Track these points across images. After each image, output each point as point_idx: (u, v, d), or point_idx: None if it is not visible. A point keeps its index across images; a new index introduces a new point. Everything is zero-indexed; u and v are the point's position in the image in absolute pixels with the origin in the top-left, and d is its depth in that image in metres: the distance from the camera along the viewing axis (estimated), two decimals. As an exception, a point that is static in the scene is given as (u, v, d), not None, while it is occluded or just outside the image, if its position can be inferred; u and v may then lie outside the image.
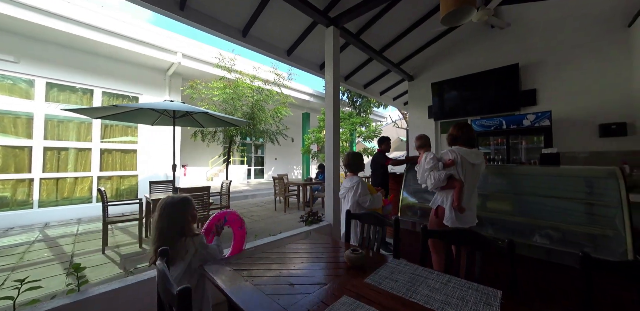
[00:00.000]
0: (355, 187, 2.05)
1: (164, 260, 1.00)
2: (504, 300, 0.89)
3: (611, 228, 1.91)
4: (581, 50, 3.70)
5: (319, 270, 1.15)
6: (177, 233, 1.22)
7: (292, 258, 1.30)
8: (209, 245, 1.31)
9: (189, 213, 1.28)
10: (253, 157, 12.45)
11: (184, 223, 1.25)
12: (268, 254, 1.36)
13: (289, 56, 3.88)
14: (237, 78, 6.07)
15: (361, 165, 2.27)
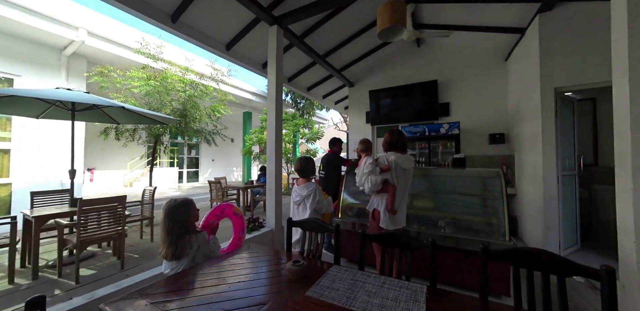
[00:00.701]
0: (313, 194, 2.04)
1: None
2: (428, 294, 1.00)
3: (496, 216, 2.42)
4: (477, 74, 4.59)
5: (258, 289, 1.07)
6: (182, 232, 1.35)
7: (228, 277, 1.17)
8: (210, 243, 1.47)
9: (191, 213, 1.42)
10: (186, 159, 11.14)
11: (187, 222, 1.39)
12: (199, 275, 1.19)
13: (228, 51, 3.59)
14: (165, 69, 5.26)
15: (314, 169, 2.26)
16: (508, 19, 3.52)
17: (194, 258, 1.35)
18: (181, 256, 1.32)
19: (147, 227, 4.24)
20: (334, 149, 3.69)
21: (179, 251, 1.31)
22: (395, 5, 2.25)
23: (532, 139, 3.26)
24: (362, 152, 2.44)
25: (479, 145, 4.49)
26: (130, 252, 3.34)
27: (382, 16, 2.34)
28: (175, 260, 1.32)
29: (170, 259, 1.31)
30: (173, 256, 1.30)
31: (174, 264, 1.32)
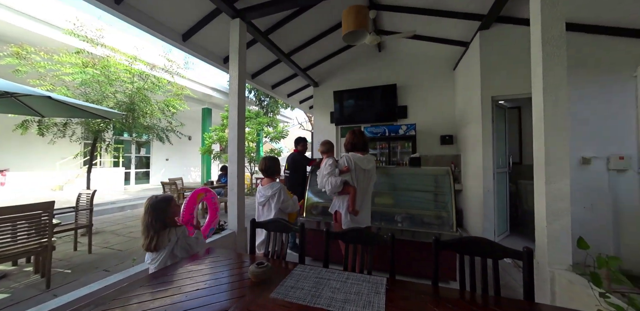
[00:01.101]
0: (278, 194, 1.99)
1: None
2: (388, 285, 1.07)
3: (446, 210, 2.70)
4: (429, 80, 5.04)
5: (219, 295, 1.02)
6: (160, 226, 1.47)
7: (184, 286, 1.09)
8: (189, 237, 1.55)
9: (170, 209, 1.53)
10: (134, 158, 9.98)
11: (166, 218, 1.49)
12: (150, 287, 1.09)
13: (184, 41, 3.32)
14: (107, 57, 4.60)
15: (278, 169, 2.22)
16: (456, 33, 3.93)
17: (172, 250, 1.46)
18: (159, 249, 1.44)
19: (83, 237, 3.70)
20: (298, 148, 3.67)
21: (156, 244, 1.42)
22: (359, 10, 2.34)
23: (474, 141, 3.70)
24: (323, 153, 2.45)
25: (432, 145, 4.93)
26: (60, 267, 2.87)
27: (346, 20, 2.41)
28: (155, 251, 1.44)
29: (148, 250, 1.45)
30: (150, 248, 1.43)
31: (154, 255, 1.45)
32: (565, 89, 1.84)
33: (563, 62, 1.84)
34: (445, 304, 0.93)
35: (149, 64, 5.17)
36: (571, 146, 2.88)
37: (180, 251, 1.48)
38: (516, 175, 4.08)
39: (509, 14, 3.16)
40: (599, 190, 2.84)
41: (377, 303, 0.93)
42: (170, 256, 1.45)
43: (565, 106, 1.84)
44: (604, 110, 2.85)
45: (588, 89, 2.90)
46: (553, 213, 1.84)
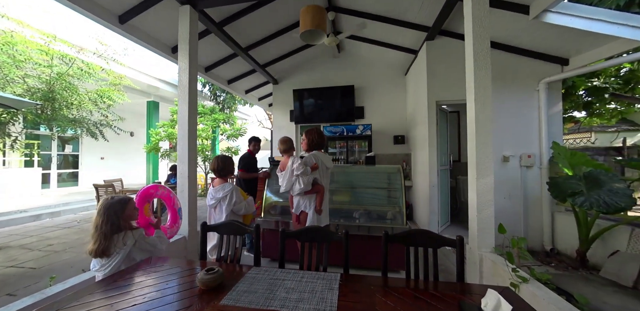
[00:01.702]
0: (230, 196, 1.87)
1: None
2: (342, 281, 1.11)
3: (398, 205, 2.92)
4: (384, 83, 5.37)
5: (162, 308, 0.92)
6: (114, 229, 1.37)
7: (119, 302, 0.96)
8: (149, 237, 1.47)
9: (126, 212, 1.44)
10: (56, 156, 8.42)
11: (119, 221, 1.40)
12: (79, 306, 0.93)
13: (122, 24, 2.90)
14: (11, 32, 3.69)
15: (232, 169, 2.11)
16: (407, 41, 4.25)
17: (130, 254, 1.38)
18: (110, 254, 1.35)
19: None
20: (249, 148, 3.54)
21: (105, 249, 1.33)
22: (316, 10, 2.36)
23: (422, 141, 4.08)
24: (284, 153, 2.25)
25: (386, 145, 5.26)
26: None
27: (304, 19, 2.41)
28: (105, 257, 1.33)
29: (95, 256, 1.33)
30: (97, 253, 1.32)
31: (104, 261, 1.34)
32: (489, 97, 2.14)
33: (488, 73, 2.14)
34: (392, 293, 1.01)
35: (75, 45, 4.37)
36: (495, 147, 3.39)
37: (141, 254, 1.42)
38: (456, 172, 4.63)
39: (450, 29, 3.55)
40: (514, 183, 3.41)
41: (331, 299, 0.96)
42: (126, 261, 1.37)
43: (489, 112, 2.15)
44: (517, 116, 3.43)
45: (506, 99, 3.45)
46: (481, 204, 2.13)
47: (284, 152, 2.23)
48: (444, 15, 3.11)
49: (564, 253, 3.16)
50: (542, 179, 3.31)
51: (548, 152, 3.30)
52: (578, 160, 2.65)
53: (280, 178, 2.03)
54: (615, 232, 2.58)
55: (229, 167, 2.04)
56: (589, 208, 2.08)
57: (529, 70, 3.43)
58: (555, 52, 3.28)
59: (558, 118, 3.44)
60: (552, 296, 1.51)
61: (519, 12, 2.77)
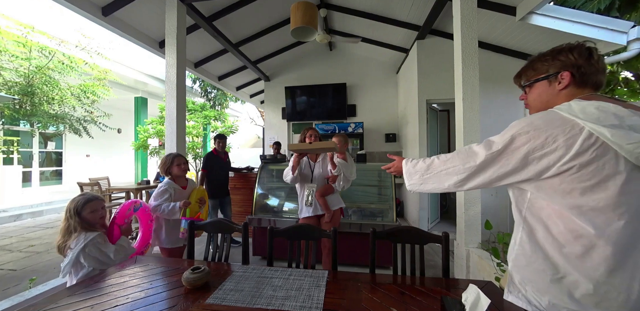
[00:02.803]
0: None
1: None
2: (329, 278, 1.11)
3: (388, 202, 2.95)
4: (376, 82, 5.39)
5: (146, 308, 0.90)
6: (72, 229, 1.32)
7: (103, 303, 0.93)
8: (107, 244, 1.36)
9: (88, 211, 1.36)
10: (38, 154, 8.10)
11: (78, 220, 1.33)
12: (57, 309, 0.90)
13: (105, 16, 2.80)
14: None
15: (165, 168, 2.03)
16: (398, 39, 4.27)
17: (77, 258, 1.27)
18: (63, 254, 1.31)
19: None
20: (214, 147, 3.47)
21: (59, 246, 1.31)
22: (307, 7, 2.33)
23: (413, 139, 4.13)
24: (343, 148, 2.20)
25: (378, 142, 5.30)
26: None
27: (294, 15, 2.38)
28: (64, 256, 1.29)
29: (57, 252, 1.32)
30: (58, 250, 1.31)
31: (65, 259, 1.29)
32: (477, 96, 2.18)
33: (476, 72, 2.17)
34: (379, 289, 1.02)
35: (55, 37, 4.17)
36: (483, 145, 3.49)
37: (90, 261, 1.28)
38: (445, 170, 4.71)
39: (440, 28, 3.58)
40: (501, 181, 3.50)
41: (317, 296, 0.96)
42: (74, 265, 1.27)
43: (477, 110, 2.19)
44: (506, 116, 3.51)
45: (494, 99, 3.52)
46: (468, 201, 2.18)
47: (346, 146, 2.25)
48: (434, 14, 3.13)
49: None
50: None
51: None
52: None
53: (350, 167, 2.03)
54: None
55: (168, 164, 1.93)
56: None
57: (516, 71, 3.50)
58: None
59: (543, 117, 3.54)
60: (533, 289, 1.57)
61: (506, 13, 2.82)
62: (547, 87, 0.81)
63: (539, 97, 0.84)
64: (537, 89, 0.84)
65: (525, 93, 0.90)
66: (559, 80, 0.78)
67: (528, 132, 0.71)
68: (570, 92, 0.78)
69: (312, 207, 1.99)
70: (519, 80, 0.93)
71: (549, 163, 0.69)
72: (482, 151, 0.77)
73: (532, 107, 0.88)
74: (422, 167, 0.89)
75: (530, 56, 0.94)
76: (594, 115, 0.66)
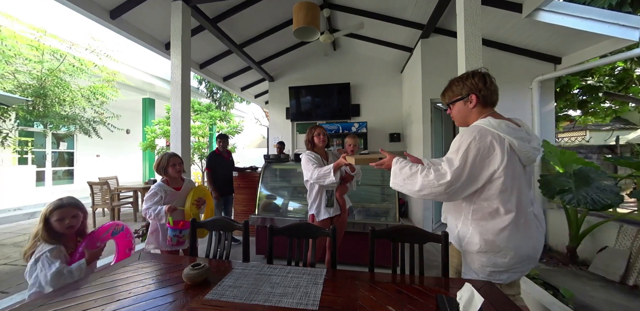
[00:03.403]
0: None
1: None
2: (327, 276, 1.12)
3: (391, 202, 2.94)
4: (381, 81, 5.36)
5: (146, 303, 0.93)
6: (38, 236, 1.23)
7: (106, 297, 0.96)
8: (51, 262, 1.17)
9: (55, 220, 1.25)
10: (51, 154, 8.35)
11: (43, 227, 1.23)
12: (62, 302, 0.93)
13: (113, 19, 2.87)
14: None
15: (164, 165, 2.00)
16: (402, 38, 4.24)
17: (31, 270, 1.17)
18: (26, 261, 1.21)
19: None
20: (217, 147, 3.52)
21: (26, 254, 1.21)
22: (309, 7, 2.34)
23: (417, 139, 4.09)
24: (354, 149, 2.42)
25: (382, 142, 5.27)
26: None
27: (297, 15, 2.39)
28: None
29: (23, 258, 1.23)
30: (24, 256, 1.22)
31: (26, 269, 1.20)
32: (482, 95, 2.15)
33: (481, 72, 2.14)
34: (376, 287, 1.02)
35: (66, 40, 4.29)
36: (489, 144, 3.43)
37: (35, 276, 1.14)
38: (450, 170, 4.65)
39: (444, 27, 3.54)
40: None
41: (314, 293, 0.97)
42: (29, 275, 1.16)
43: (482, 110, 2.16)
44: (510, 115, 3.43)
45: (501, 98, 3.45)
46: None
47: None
48: (438, 12, 3.10)
49: (555, 250, 3.20)
50: (534, 177, 3.34)
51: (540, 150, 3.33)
52: (568, 158, 2.68)
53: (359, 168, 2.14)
54: (604, 229, 2.62)
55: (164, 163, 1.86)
56: (577, 205, 2.11)
57: (522, 69, 3.44)
58: (549, 51, 3.29)
59: (550, 116, 3.46)
60: (537, 290, 1.54)
61: (512, 10, 2.77)
62: (463, 105, 1.10)
63: (459, 113, 1.13)
64: (457, 107, 1.12)
65: (450, 109, 1.17)
66: (470, 100, 1.06)
67: (475, 144, 0.94)
68: (478, 109, 1.08)
69: (333, 208, 1.95)
70: (444, 99, 1.18)
71: (494, 166, 0.94)
72: (448, 169, 0.96)
73: (456, 120, 1.17)
74: (406, 173, 1.05)
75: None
76: (506, 130, 0.96)
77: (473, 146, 0.94)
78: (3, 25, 3.62)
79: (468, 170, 0.94)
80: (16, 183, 6.67)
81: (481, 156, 0.94)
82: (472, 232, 1.00)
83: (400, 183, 1.05)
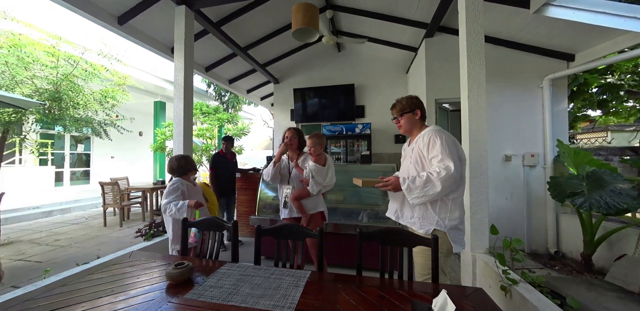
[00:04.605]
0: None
1: None
2: (310, 278, 1.09)
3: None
4: (386, 82, 5.29)
5: (127, 300, 0.93)
6: None
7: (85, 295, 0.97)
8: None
9: None
10: (68, 155, 8.75)
11: None
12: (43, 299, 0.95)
13: (121, 25, 2.98)
14: (18, 34, 3.87)
15: (189, 166, 1.99)
16: (406, 38, 4.18)
17: None
18: None
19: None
20: (222, 148, 3.59)
21: None
22: (307, 8, 2.35)
23: (421, 140, 3.99)
24: (320, 147, 2.02)
25: (387, 143, 5.19)
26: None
27: (295, 17, 2.40)
28: None
29: None
30: None
31: None
32: (484, 95, 2.07)
33: (482, 70, 2.07)
34: (358, 291, 0.98)
35: (79, 46, 4.50)
36: (496, 145, 3.29)
37: None
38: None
39: (448, 25, 3.46)
40: (517, 182, 3.29)
41: (293, 296, 0.95)
42: None
43: (484, 109, 2.08)
44: (520, 114, 3.31)
45: (507, 96, 3.33)
46: (475, 205, 2.07)
47: (320, 148, 2.02)
48: (442, 11, 3.03)
49: (570, 256, 3.02)
50: (546, 179, 3.18)
51: (552, 151, 3.17)
52: (582, 159, 2.52)
53: (323, 171, 1.89)
54: (622, 235, 2.45)
55: (187, 165, 1.93)
56: (589, 209, 1.98)
57: (532, 67, 3.30)
58: (561, 48, 3.15)
59: (563, 116, 3.30)
60: (541, 299, 1.44)
61: (519, 6, 2.67)
62: (411, 116, 1.50)
63: (407, 122, 1.51)
64: (406, 118, 1.51)
65: (398, 120, 1.57)
66: (416, 114, 1.49)
67: (446, 137, 1.31)
68: (420, 121, 1.51)
69: (288, 209, 1.92)
70: (394, 111, 1.58)
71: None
72: (446, 160, 1.23)
73: (404, 128, 1.56)
74: (420, 182, 1.21)
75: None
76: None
77: (446, 139, 1.29)
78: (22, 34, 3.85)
79: (456, 153, 1.26)
80: (36, 183, 7.03)
81: (454, 142, 1.31)
82: (452, 208, 1.28)
83: (420, 193, 1.20)
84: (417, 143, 1.40)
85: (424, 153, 1.32)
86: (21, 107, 2.91)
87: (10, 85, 3.57)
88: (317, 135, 2.00)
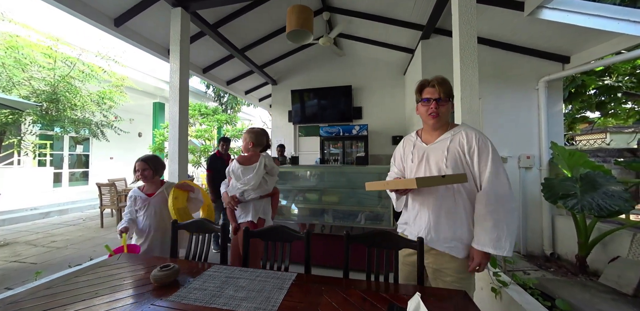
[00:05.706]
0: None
1: None
2: (296, 280, 1.09)
3: (387, 207, 2.87)
4: (383, 83, 5.30)
5: (110, 303, 0.94)
6: None
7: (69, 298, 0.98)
8: None
9: None
10: (67, 156, 8.76)
11: None
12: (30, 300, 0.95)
13: (117, 27, 3.00)
14: (14, 36, 3.89)
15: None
16: (403, 40, 4.19)
17: None
18: None
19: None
20: (218, 149, 3.51)
21: None
22: (301, 10, 2.36)
23: (417, 141, 3.99)
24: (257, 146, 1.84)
25: (384, 145, 5.20)
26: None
27: (289, 19, 2.41)
28: None
29: None
30: None
31: None
32: (476, 96, 2.08)
33: (475, 72, 2.07)
34: (341, 294, 0.98)
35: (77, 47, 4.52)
36: (491, 147, 3.29)
37: None
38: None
39: (444, 27, 3.47)
40: (512, 184, 3.27)
41: (276, 298, 0.95)
42: None
43: (476, 111, 2.08)
44: (516, 116, 3.31)
45: (503, 98, 3.33)
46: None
47: (258, 145, 1.84)
48: (437, 12, 3.04)
49: (565, 258, 3.01)
50: (542, 181, 3.18)
51: (547, 153, 3.17)
52: (576, 161, 2.53)
53: (243, 175, 1.71)
54: (616, 237, 2.45)
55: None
56: (580, 211, 1.98)
57: (528, 69, 3.30)
58: (556, 50, 3.15)
59: (559, 117, 3.30)
60: (530, 301, 1.44)
61: (513, 8, 2.68)
62: (451, 106, 1.22)
63: (447, 110, 1.21)
64: (448, 105, 1.20)
65: (438, 104, 1.17)
66: (451, 103, 1.22)
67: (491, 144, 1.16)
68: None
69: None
70: (441, 89, 1.17)
71: None
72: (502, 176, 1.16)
73: (443, 116, 1.20)
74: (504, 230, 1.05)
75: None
76: None
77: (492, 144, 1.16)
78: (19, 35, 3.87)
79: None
80: (35, 184, 7.03)
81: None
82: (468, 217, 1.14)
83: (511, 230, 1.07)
84: (452, 142, 1.15)
85: (466, 157, 1.12)
86: (18, 108, 2.93)
87: (7, 86, 3.59)
88: (253, 129, 1.84)
